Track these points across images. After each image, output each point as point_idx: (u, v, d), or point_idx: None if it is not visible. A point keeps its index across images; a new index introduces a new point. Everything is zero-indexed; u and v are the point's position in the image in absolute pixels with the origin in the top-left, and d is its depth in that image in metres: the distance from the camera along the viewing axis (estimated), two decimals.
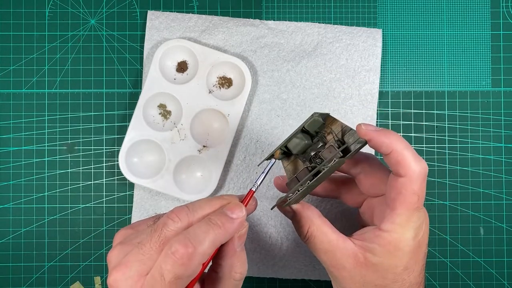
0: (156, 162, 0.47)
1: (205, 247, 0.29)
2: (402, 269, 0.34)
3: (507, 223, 0.48)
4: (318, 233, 0.35)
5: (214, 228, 0.30)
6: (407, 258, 0.34)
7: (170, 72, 0.48)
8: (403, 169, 0.32)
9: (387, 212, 0.33)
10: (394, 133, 0.33)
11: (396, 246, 0.33)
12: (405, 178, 0.32)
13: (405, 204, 0.32)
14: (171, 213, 0.31)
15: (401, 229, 0.33)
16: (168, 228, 0.30)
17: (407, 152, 0.32)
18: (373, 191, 0.36)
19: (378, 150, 0.33)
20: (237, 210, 0.32)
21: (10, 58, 0.49)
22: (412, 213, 0.33)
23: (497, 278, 0.48)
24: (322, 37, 0.48)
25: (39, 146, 0.48)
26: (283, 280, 0.48)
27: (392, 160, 0.32)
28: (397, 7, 0.50)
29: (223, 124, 0.47)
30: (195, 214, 0.31)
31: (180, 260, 0.28)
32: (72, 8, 0.49)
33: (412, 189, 0.32)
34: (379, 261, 0.34)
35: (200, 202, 0.33)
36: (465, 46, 0.49)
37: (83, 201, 0.48)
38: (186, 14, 0.49)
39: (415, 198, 0.32)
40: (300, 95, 0.48)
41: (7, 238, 0.48)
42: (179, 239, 0.29)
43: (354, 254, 0.34)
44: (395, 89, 0.49)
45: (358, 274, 0.34)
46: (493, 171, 0.49)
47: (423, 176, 0.32)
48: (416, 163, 0.32)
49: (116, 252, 0.30)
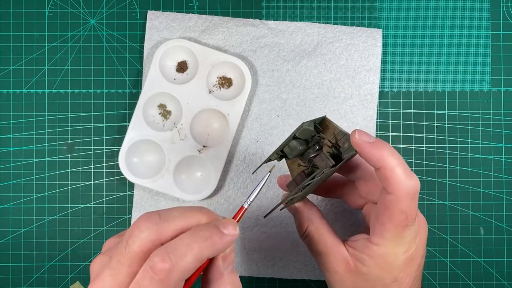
0: (156, 162, 0.47)
1: (187, 262, 0.26)
2: (391, 281, 0.33)
3: (507, 223, 0.48)
4: (315, 234, 0.35)
5: (199, 241, 0.27)
6: (397, 271, 0.33)
7: (170, 72, 0.48)
8: (390, 186, 0.31)
9: (377, 225, 0.33)
10: (387, 147, 0.31)
11: (385, 260, 0.33)
12: (392, 196, 0.31)
13: (393, 221, 0.32)
14: (138, 221, 0.27)
15: (391, 243, 0.32)
16: (133, 238, 0.27)
17: (397, 169, 0.31)
18: (371, 197, 0.36)
19: (368, 162, 0.32)
20: (231, 226, 0.28)
21: (10, 58, 0.49)
22: (402, 230, 0.32)
23: (497, 278, 0.48)
24: (322, 37, 0.48)
25: (39, 146, 0.48)
26: (283, 280, 0.48)
27: (381, 176, 0.31)
28: (397, 7, 0.50)
29: (223, 124, 0.47)
30: (166, 225, 0.27)
31: (157, 275, 0.25)
32: (72, 8, 0.49)
33: (399, 208, 0.31)
34: (368, 272, 0.33)
35: (173, 211, 0.29)
36: (465, 46, 0.49)
37: (83, 201, 0.48)
38: (186, 14, 0.49)
39: (402, 217, 0.31)
40: (300, 95, 0.48)
41: (7, 238, 0.48)
42: (158, 253, 0.26)
43: (346, 260, 0.34)
44: (395, 89, 0.49)
45: (349, 280, 0.34)
46: (493, 171, 0.49)
47: (412, 195, 0.31)
48: (407, 181, 0.31)
49: (97, 263, 0.28)
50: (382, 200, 0.32)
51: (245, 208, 0.31)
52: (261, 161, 0.48)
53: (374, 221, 0.34)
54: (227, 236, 0.28)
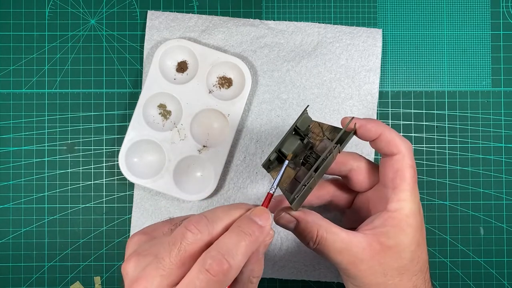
0: (156, 162, 0.47)
1: (239, 260, 0.28)
2: (416, 246, 0.34)
3: (507, 223, 0.48)
4: (329, 235, 0.34)
5: (245, 239, 0.29)
6: (418, 234, 0.35)
7: (170, 72, 0.48)
8: (395, 147, 0.35)
9: (390, 193, 0.35)
10: (378, 120, 0.36)
11: (407, 222, 0.34)
12: (399, 155, 0.35)
13: (406, 179, 0.34)
14: (189, 224, 0.29)
15: (408, 204, 0.34)
16: (188, 241, 0.28)
17: (394, 133, 0.35)
18: (366, 183, 0.38)
19: (367, 135, 0.35)
20: (265, 216, 0.30)
21: (10, 58, 0.49)
22: (413, 186, 0.35)
23: (497, 278, 0.48)
24: (322, 37, 0.48)
25: (39, 146, 0.48)
26: (283, 280, 0.48)
27: (383, 142, 0.35)
28: (397, 7, 0.50)
29: (223, 124, 0.47)
30: (215, 226, 0.29)
31: (216, 277, 0.27)
32: (72, 8, 0.49)
33: (407, 163, 0.34)
34: (395, 243, 0.34)
35: (218, 211, 0.31)
36: (465, 46, 0.49)
37: (83, 201, 0.48)
38: (186, 14, 0.49)
39: (412, 172, 0.35)
40: (300, 95, 0.48)
41: (7, 238, 0.48)
42: (213, 255, 0.28)
43: (369, 244, 0.34)
44: (395, 89, 0.49)
45: (377, 263, 0.34)
46: (493, 171, 0.49)
47: (412, 151, 0.35)
48: (404, 141, 0.35)
49: (133, 264, 0.29)
50: (388, 166, 0.35)
51: (271, 194, 0.33)
52: (261, 161, 0.48)
53: (379, 198, 0.36)
54: (265, 228, 0.30)
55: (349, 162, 0.38)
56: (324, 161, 0.33)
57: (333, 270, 0.47)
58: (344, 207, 0.41)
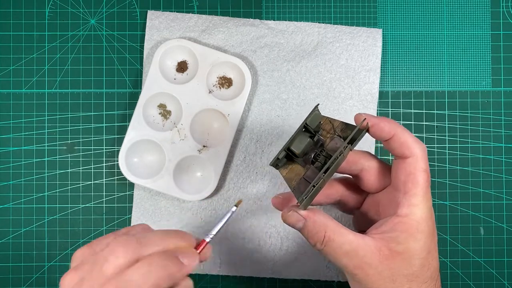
0: (156, 162, 0.47)
1: None
2: (427, 253, 0.33)
3: (507, 223, 0.48)
4: (336, 236, 0.33)
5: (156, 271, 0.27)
6: (429, 240, 0.33)
7: (170, 72, 0.48)
8: (408, 149, 0.33)
9: (401, 197, 0.33)
10: (392, 119, 0.34)
11: (418, 228, 0.33)
12: (412, 158, 0.33)
13: (418, 183, 0.33)
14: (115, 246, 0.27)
15: (419, 210, 0.33)
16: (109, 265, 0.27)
17: (408, 134, 0.33)
18: (377, 185, 0.36)
19: (379, 135, 0.34)
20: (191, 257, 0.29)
21: (10, 58, 0.49)
22: (426, 191, 0.33)
23: (497, 278, 0.48)
24: (322, 37, 0.48)
25: (39, 146, 0.48)
26: (283, 280, 0.48)
27: (396, 143, 0.33)
28: (397, 7, 0.50)
29: (223, 124, 0.47)
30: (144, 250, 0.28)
31: None
32: (72, 8, 0.49)
33: (421, 167, 0.33)
34: (405, 248, 0.33)
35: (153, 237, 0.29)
36: (465, 46, 0.49)
37: (83, 201, 0.48)
38: (186, 14, 0.49)
39: (425, 176, 0.33)
40: (300, 95, 0.48)
41: (7, 238, 0.48)
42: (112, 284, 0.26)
43: (377, 249, 0.33)
44: (395, 89, 0.49)
45: (385, 269, 0.33)
46: (493, 171, 0.49)
47: (426, 154, 0.34)
48: (418, 143, 0.33)
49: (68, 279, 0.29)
50: (401, 168, 0.34)
51: (206, 241, 0.32)
52: (261, 161, 0.48)
53: (390, 201, 0.35)
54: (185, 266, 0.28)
55: (360, 161, 0.36)
56: (335, 161, 0.32)
57: (333, 270, 0.47)
58: (353, 207, 0.40)
